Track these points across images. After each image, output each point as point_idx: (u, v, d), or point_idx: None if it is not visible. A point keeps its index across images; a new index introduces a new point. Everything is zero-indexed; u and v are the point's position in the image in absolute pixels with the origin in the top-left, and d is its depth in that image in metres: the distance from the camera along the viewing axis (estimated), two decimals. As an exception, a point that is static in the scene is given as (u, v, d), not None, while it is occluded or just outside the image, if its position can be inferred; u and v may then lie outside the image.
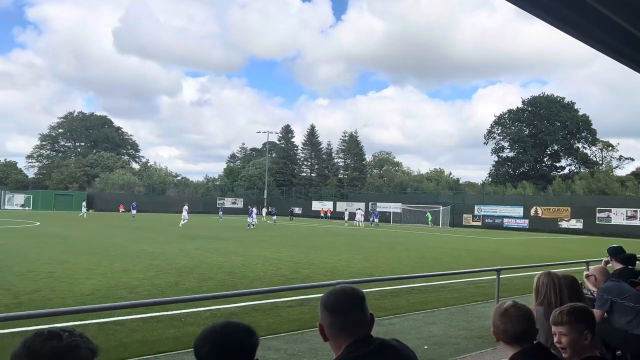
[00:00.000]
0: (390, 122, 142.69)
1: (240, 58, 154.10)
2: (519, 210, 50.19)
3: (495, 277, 8.03)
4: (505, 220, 50.55)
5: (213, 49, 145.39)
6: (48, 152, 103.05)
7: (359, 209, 50.81)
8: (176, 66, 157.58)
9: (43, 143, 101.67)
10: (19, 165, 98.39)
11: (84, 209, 48.11)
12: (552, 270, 3.76)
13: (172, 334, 6.60)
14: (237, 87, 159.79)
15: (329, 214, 51.43)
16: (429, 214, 53.39)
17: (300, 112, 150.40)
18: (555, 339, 2.47)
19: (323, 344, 6.26)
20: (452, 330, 7.34)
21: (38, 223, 32.70)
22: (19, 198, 67.39)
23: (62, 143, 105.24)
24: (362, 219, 46.65)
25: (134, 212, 45.34)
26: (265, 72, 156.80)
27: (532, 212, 49.03)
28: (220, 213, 54.31)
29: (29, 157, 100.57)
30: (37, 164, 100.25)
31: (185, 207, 36.86)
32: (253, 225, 34.93)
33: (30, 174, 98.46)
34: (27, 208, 63.22)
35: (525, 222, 48.99)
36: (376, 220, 47.15)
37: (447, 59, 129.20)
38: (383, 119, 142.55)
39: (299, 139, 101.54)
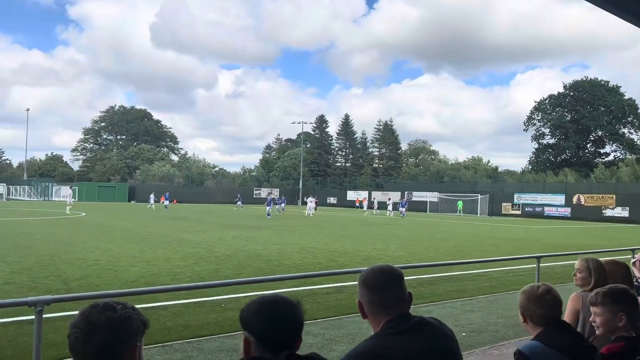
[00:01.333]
0: (426, 110, 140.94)
1: (273, 50, 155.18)
2: (560, 198, 48.78)
3: (534, 265, 7.87)
4: (546, 208, 49.25)
5: (247, 42, 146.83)
6: (91, 145, 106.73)
7: (390, 198, 50.21)
8: (211, 59, 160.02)
9: (86, 137, 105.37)
10: (64, 159, 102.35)
11: (152, 200, 48.27)
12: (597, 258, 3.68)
13: (214, 318, 6.79)
14: (271, 79, 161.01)
15: (364, 204, 51.27)
16: (460, 203, 52.47)
17: (334, 102, 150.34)
18: (591, 318, 2.49)
19: (360, 330, 6.33)
20: (490, 318, 7.27)
21: (84, 213, 34.00)
22: (65, 190, 70.16)
23: (105, 136, 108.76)
24: (392, 208, 45.80)
25: (166, 202, 45.97)
26: (299, 63, 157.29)
27: (575, 200, 47.56)
28: (239, 203, 53.53)
29: (73, 150, 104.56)
30: (81, 157, 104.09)
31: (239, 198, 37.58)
32: (270, 215, 35.30)
33: (75, 166, 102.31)
34: (73, 199, 65.69)
35: (567, 211, 47.60)
36: (402, 209, 45.06)
37: (482, 45, 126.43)
38: (418, 107, 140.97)
39: (333, 128, 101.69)
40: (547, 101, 77.33)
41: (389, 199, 49.74)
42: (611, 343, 2.36)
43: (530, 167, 77.68)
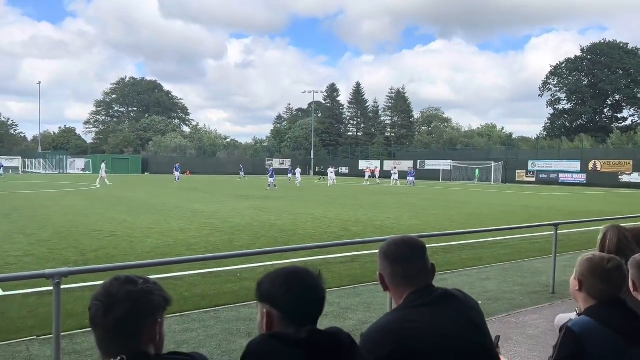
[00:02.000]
0: (438, 77, 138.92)
1: (282, 18, 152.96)
2: (575, 165, 48.17)
3: (552, 232, 7.78)
4: (561, 175, 48.72)
5: (255, 10, 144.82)
6: (103, 117, 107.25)
7: (394, 167, 49.83)
8: (220, 29, 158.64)
9: (98, 109, 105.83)
10: (77, 131, 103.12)
11: (177, 173, 45.81)
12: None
13: (229, 288, 6.85)
14: (281, 47, 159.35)
15: (375, 173, 51.09)
16: (477, 171, 52.02)
17: (345, 70, 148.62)
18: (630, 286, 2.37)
19: (375, 298, 6.34)
20: (506, 286, 7.23)
21: (98, 185, 34.37)
22: (80, 162, 70.93)
23: (116, 108, 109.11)
24: (398, 177, 45.31)
25: (177, 173, 45.17)
26: (308, 30, 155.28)
27: (591, 166, 46.94)
28: (242, 173, 52.89)
29: (86, 122, 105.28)
30: (94, 129, 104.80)
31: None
32: (271, 185, 35.04)
33: (89, 139, 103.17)
34: (87, 172, 66.51)
35: (582, 177, 47.05)
36: (411, 179, 44.02)
37: (496, 8, 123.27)
38: (430, 74, 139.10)
39: (344, 97, 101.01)
40: (563, 65, 75.56)
41: (394, 167, 49.31)
42: None
43: (545, 134, 76.57)
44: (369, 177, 48.96)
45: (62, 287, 3.20)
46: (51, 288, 3.17)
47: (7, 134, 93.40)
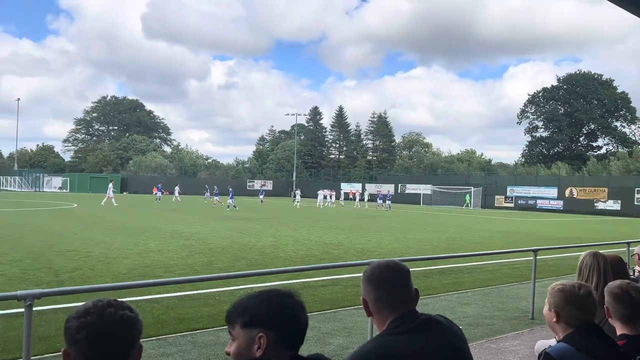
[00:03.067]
0: (419, 103, 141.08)
1: (266, 41, 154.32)
2: (553, 191, 49.02)
3: (531, 258, 7.85)
4: (538, 201, 49.50)
5: (239, 33, 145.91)
6: (83, 136, 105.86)
7: (357, 190, 52.16)
8: (204, 50, 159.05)
9: (78, 127, 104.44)
10: (55, 149, 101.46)
11: (177, 193, 46.59)
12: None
13: (207, 311, 6.71)
14: (264, 70, 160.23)
15: (357, 196, 51.28)
16: (467, 196, 52.20)
17: (328, 94, 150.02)
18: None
19: (356, 323, 6.28)
20: (486, 311, 7.24)
21: (75, 205, 33.72)
22: (57, 181, 69.60)
23: (97, 127, 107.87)
24: (360, 199, 47.02)
25: (158, 193, 45.00)
26: (291, 54, 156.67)
27: (567, 193, 47.83)
28: (207, 194, 48.17)
29: (65, 141, 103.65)
30: (73, 147, 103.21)
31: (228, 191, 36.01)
32: (230, 206, 34.48)
33: (67, 157, 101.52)
34: (64, 190, 65.27)
35: (559, 204, 47.87)
36: (385, 202, 43.17)
37: (475, 38, 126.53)
38: (411, 100, 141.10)
39: (327, 120, 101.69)
40: (540, 94, 77.51)
41: (357, 190, 51.10)
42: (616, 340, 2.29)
43: (523, 160, 77.95)
44: (359, 200, 49.00)
45: (34, 309, 3.09)
46: (22, 310, 3.05)
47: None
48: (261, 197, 46.89)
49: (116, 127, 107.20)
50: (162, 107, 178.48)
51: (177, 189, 48.16)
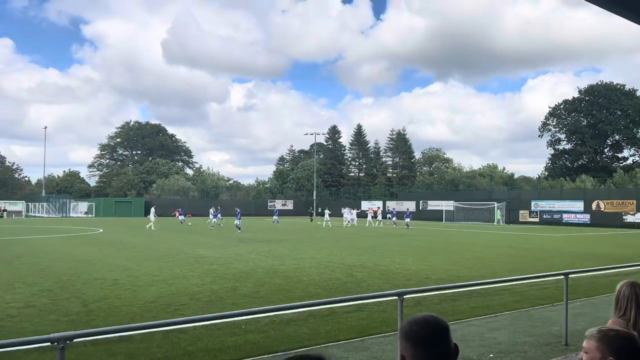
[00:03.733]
0: (437, 118, 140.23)
1: (283, 62, 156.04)
2: (579, 205, 47.98)
3: (561, 277, 7.66)
4: (564, 215, 48.46)
5: (257, 55, 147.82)
6: (107, 161, 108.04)
7: (370, 208, 51.35)
8: (223, 73, 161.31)
9: (103, 152, 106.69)
10: (81, 175, 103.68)
11: (211, 216, 41.23)
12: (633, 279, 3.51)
13: (233, 342, 6.70)
14: (282, 91, 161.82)
15: (378, 214, 50.94)
16: (498, 211, 51.21)
17: (346, 112, 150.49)
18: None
19: (385, 352, 6.19)
20: (517, 337, 7.06)
21: (101, 230, 34.25)
22: (83, 206, 70.91)
23: (120, 152, 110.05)
24: (354, 217, 45.09)
25: (181, 217, 45.49)
26: (309, 74, 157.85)
27: (594, 206, 46.74)
28: (212, 216, 41.94)
29: (90, 166, 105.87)
30: (98, 172, 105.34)
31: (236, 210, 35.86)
32: (215, 225, 34.15)
33: (92, 182, 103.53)
34: (90, 215, 66.39)
35: (586, 217, 46.78)
36: (394, 219, 43.39)
37: (491, 52, 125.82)
38: (430, 116, 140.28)
39: (345, 139, 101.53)
40: (562, 106, 76.51)
41: (370, 209, 50.55)
42: None
43: (546, 174, 76.68)
44: (372, 217, 48.87)
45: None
46: (54, 344, 3.10)
47: (11, 178, 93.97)
48: (275, 217, 46.73)
49: (139, 152, 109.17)
50: (184, 130, 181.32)
51: (211, 211, 42.45)
